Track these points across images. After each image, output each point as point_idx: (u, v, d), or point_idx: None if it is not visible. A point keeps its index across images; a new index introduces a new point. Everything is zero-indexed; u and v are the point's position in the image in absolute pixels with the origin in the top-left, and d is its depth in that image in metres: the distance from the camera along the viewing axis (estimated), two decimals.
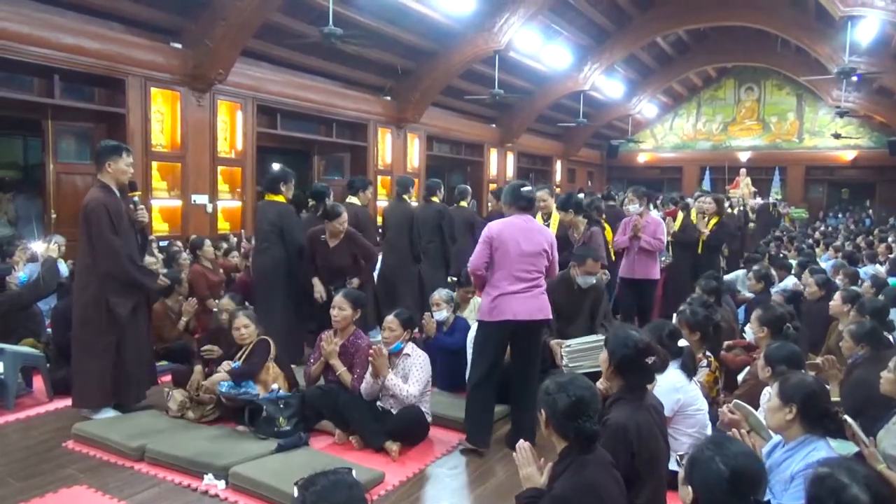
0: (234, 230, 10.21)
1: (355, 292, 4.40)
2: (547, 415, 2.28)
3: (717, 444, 1.94)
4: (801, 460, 2.34)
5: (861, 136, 21.68)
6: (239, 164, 10.29)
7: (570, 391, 2.24)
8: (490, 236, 3.74)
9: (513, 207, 3.86)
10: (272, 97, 10.68)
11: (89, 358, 4.09)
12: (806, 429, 2.42)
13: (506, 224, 3.80)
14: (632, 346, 2.80)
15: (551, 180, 21.42)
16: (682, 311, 3.99)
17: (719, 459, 1.84)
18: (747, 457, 1.90)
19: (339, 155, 13.52)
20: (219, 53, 9.02)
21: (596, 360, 4.52)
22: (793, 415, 2.42)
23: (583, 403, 2.23)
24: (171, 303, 5.56)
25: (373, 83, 13.00)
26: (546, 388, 2.30)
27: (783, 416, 2.44)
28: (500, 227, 3.77)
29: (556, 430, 2.28)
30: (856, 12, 9.93)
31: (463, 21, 12.06)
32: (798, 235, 13.71)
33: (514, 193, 3.88)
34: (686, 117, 24.66)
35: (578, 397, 2.23)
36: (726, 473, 1.80)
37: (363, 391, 3.93)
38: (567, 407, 2.22)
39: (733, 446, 1.92)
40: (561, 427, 2.26)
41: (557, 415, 2.24)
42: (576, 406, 2.21)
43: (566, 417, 2.22)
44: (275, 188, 5.49)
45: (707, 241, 6.93)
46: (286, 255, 5.29)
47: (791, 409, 2.42)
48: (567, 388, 2.24)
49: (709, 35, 18.62)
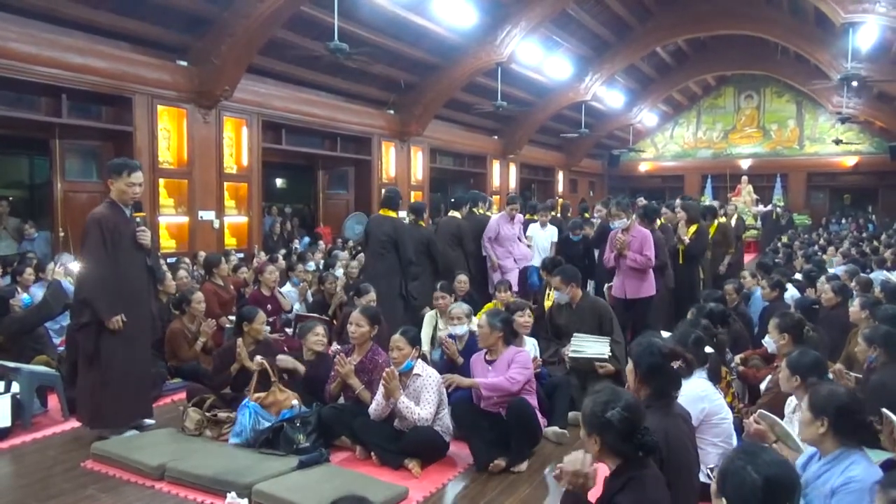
0: (240, 246, 10.23)
1: (372, 309, 4.36)
2: (601, 438, 2.17)
3: (749, 453, 1.89)
4: (840, 474, 2.30)
5: (862, 141, 21.72)
6: (245, 180, 10.31)
7: (619, 406, 2.15)
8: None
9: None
10: (277, 112, 10.72)
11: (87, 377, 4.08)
12: (840, 441, 2.37)
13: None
14: (657, 352, 2.79)
15: (553, 191, 21.49)
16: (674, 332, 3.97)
17: (752, 469, 1.80)
18: (780, 465, 1.87)
19: (343, 169, 13.57)
20: (225, 70, 9.07)
21: (598, 350, 4.64)
22: (825, 428, 2.37)
23: (635, 416, 2.16)
24: (187, 322, 5.53)
25: (376, 97, 13.06)
26: (592, 411, 2.19)
27: (815, 429, 2.40)
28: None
29: (612, 450, 2.18)
30: (856, 18, 9.98)
31: (465, 34, 12.14)
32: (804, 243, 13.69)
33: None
34: (686, 126, 24.73)
35: (629, 410, 2.15)
36: (760, 482, 1.76)
37: (372, 413, 3.85)
38: (622, 424, 2.13)
39: (765, 455, 1.89)
40: (616, 446, 2.16)
41: (614, 435, 2.14)
42: (630, 421, 2.14)
43: (623, 436, 2.14)
44: (391, 205, 6.26)
45: (686, 251, 6.77)
46: (398, 261, 6.05)
47: (823, 423, 2.37)
48: (615, 404, 2.16)
49: (707, 44, 18.72)
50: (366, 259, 6.60)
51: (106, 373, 4.04)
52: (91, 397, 4.06)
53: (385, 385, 3.71)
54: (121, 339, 4.03)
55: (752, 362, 4.59)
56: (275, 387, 4.12)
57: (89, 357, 4.04)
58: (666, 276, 6.59)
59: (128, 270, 4.09)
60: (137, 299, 4.15)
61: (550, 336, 5.09)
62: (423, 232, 6.83)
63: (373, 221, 6.50)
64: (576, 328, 4.83)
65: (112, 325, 3.97)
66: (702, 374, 3.38)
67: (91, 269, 4.01)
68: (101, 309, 3.94)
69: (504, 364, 3.93)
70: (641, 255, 5.75)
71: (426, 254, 6.63)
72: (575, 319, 4.90)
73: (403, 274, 6.11)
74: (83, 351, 4.06)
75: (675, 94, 22.23)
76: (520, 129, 17.68)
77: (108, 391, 4.05)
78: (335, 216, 13.40)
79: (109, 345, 4.02)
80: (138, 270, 4.17)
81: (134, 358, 4.16)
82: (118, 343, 4.03)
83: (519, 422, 3.75)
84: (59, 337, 5.83)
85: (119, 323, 3.99)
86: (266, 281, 6.38)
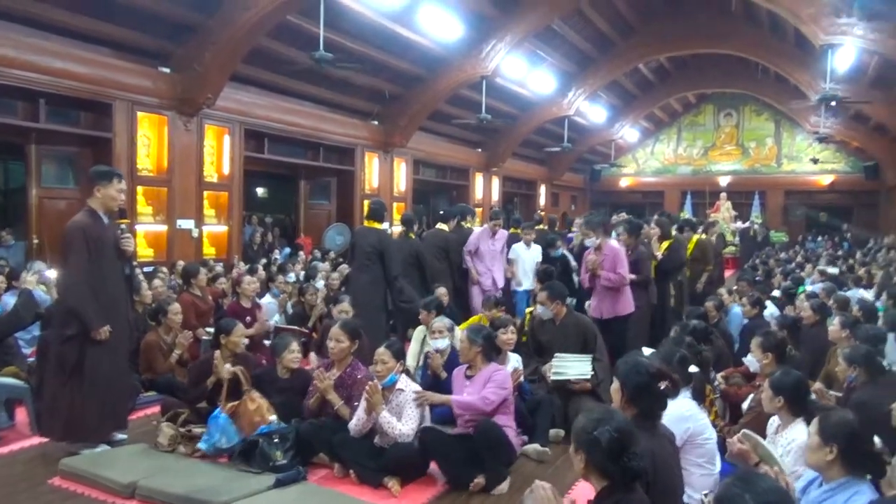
0: (219, 255, 10.09)
1: (352, 323, 4.29)
2: (587, 456, 2.13)
3: (746, 480, 1.86)
4: (844, 503, 2.29)
5: (838, 160, 22.11)
6: (225, 189, 10.20)
7: (610, 426, 2.10)
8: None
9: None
10: (260, 121, 10.64)
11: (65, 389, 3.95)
12: (847, 470, 2.35)
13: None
14: (644, 372, 2.76)
15: (535, 205, 21.57)
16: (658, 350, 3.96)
17: (749, 497, 1.76)
18: (778, 493, 1.84)
19: (325, 179, 13.49)
20: (208, 78, 8.98)
21: (580, 370, 4.61)
22: (833, 455, 2.35)
23: (626, 438, 2.11)
24: (163, 333, 5.41)
25: (360, 108, 13.02)
26: (582, 426, 2.15)
27: (823, 455, 2.37)
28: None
29: (597, 469, 2.14)
30: (835, 40, 10.15)
31: (450, 47, 12.16)
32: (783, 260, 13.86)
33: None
34: (667, 142, 24.99)
35: (620, 432, 2.10)
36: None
37: (352, 429, 3.78)
38: (610, 444, 2.08)
39: (762, 482, 1.86)
40: (603, 466, 2.11)
41: (600, 454, 2.10)
42: (619, 442, 2.09)
43: (610, 456, 2.09)
44: (377, 217, 6.22)
45: (658, 267, 6.69)
46: (383, 273, 5.96)
47: (832, 450, 2.35)
48: (606, 423, 2.11)
49: (689, 62, 18.95)
50: (351, 271, 6.51)
51: (89, 385, 3.93)
52: (69, 410, 3.93)
53: (367, 399, 3.64)
54: (105, 349, 3.96)
55: (734, 380, 4.59)
56: (247, 395, 4.02)
57: (71, 369, 3.92)
58: (650, 291, 6.61)
59: (109, 279, 4.02)
60: (118, 309, 4.08)
61: (531, 352, 5.02)
62: (412, 244, 6.81)
63: (358, 233, 6.45)
64: (559, 345, 4.79)
65: (100, 335, 3.89)
66: (686, 394, 3.36)
67: (77, 279, 3.90)
68: (91, 319, 3.87)
69: (481, 381, 3.87)
70: (615, 274, 5.63)
71: (416, 265, 6.58)
72: (559, 336, 4.85)
73: (388, 286, 6.04)
74: (65, 363, 3.92)
75: (657, 111, 22.47)
76: (503, 142, 17.74)
77: (90, 404, 3.95)
78: (316, 227, 13.30)
79: (94, 356, 3.93)
80: (118, 279, 4.11)
81: (116, 369, 4.09)
82: (102, 354, 3.96)
83: (487, 443, 3.66)
84: (29, 347, 5.66)
85: (106, 333, 3.91)
86: (245, 292, 6.28)
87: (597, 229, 5.80)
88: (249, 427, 3.93)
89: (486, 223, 7.69)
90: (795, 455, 3.01)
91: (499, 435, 3.72)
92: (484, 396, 3.74)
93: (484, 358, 3.94)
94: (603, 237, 5.81)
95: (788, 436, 3.10)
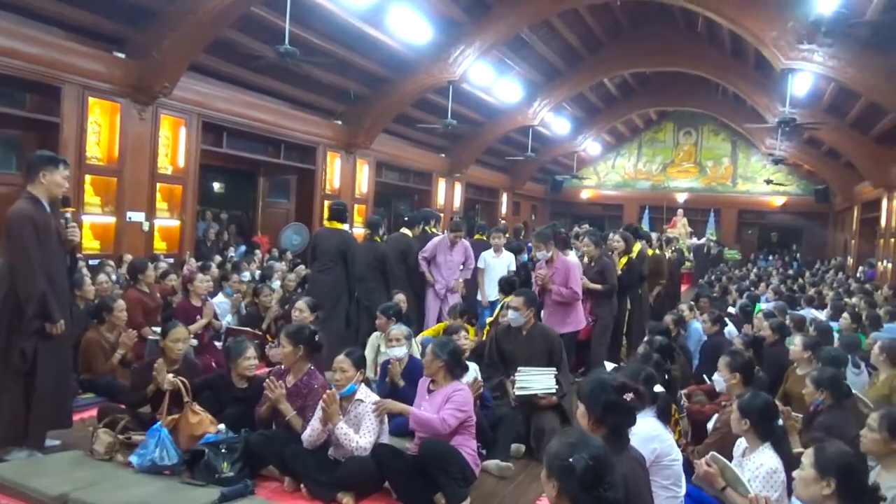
0: (170, 250, 9.70)
1: (293, 327, 4.03)
2: (559, 484, 1.96)
3: None
4: None
5: (790, 183, 22.76)
6: (180, 182, 9.82)
7: (585, 452, 1.94)
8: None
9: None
10: (219, 114, 10.30)
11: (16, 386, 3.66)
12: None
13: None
14: (608, 388, 2.65)
15: (497, 212, 21.59)
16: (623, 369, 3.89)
17: None
18: None
19: (285, 177, 13.19)
20: (165, 66, 8.63)
21: (545, 384, 4.49)
22: (831, 490, 2.24)
23: (601, 467, 1.95)
24: (105, 332, 5.09)
25: (324, 106, 12.76)
26: (556, 452, 1.99)
27: (819, 489, 2.26)
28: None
29: (570, 498, 1.97)
30: (795, 65, 10.38)
31: (419, 50, 12.02)
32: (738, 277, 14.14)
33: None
34: (628, 157, 25.36)
35: (596, 460, 1.94)
36: None
37: (305, 440, 3.57)
38: (585, 473, 1.92)
39: None
40: (576, 496, 1.95)
41: (574, 482, 1.93)
42: (594, 471, 1.93)
43: (584, 486, 1.93)
44: (340, 217, 6.19)
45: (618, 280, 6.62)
46: (346, 275, 5.96)
47: (829, 484, 2.25)
48: (581, 450, 1.95)
49: (652, 79, 19.26)
50: (311, 272, 6.32)
51: (38, 383, 3.66)
52: (11, 410, 3.63)
53: (324, 409, 3.44)
54: (55, 345, 3.72)
55: (697, 398, 4.56)
56: (187, 408, 3.75)
57: (22, 367, 3.63)
58: (611, 303, 6.58)
59: (55, 271, 3.74)
60: (64, 302, 3.82)
61: (495, 362, 4.83)
62: (378, 247, 6.64)
63: (321, 234, 6.32)
64: (523, 356, 4.66)
65: (56, 329, 3.65)
66: (651, 414, 3.27)
67: (32, 271, 3.60)
68: (53, 311, 3.63)
69: (441, 398, 3.66)
70: (566, 288, 5.47)
71: (380, 269, 6.42)
72: (523, 346, 4.72)
73: (349, 289, 5.95)
74: (18, 362, 3.61)
75: (619, 125, 22.76)
76: (467, 148, 17.68)
77: (39, 403, 3.68)
78: (274, 225, 12.97)
79: (46, 351, 3.68)
80: (63, 271, 3.86)
81: (64, 366, 3.86)
82: (53, 349, 3.72)
83: (434, 464, 3.42)
84: None
85: (62, 328, 3.68)
86: (197, 290, 6.00)
87: (547, 242, 5.61)
88: (189, 442, 3.66)
89: (446, 231, 7.31)
90: (763, 481, 2.96)
91: (444, 455, 3.47)
92: (443, 418, 3.53)
93: (447, 373, 3.75)
94: (554, 250, 5.63)
95: (756, 460, 3.04)
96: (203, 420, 3.73)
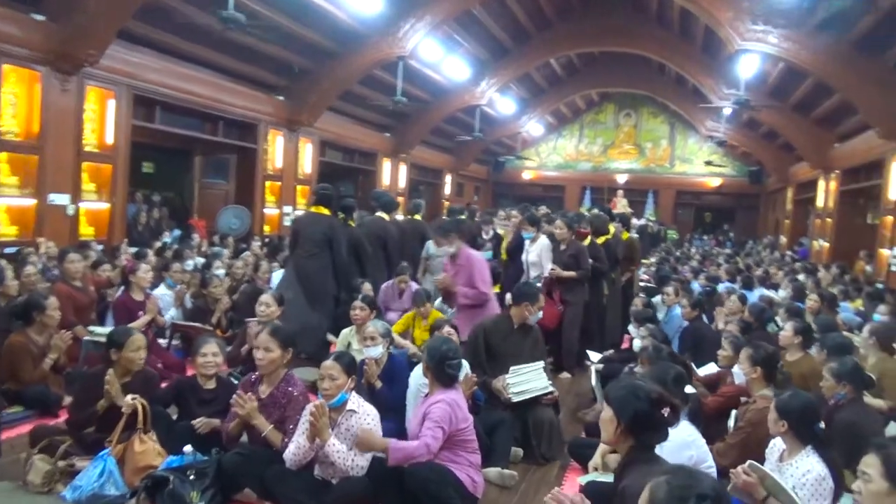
0: (99, 236, 8.83)
1: (285, 329, 3.56)
2: None
3: None
4: None
5: (725, 164, 23.32)
6: (109, 161, 8.93)
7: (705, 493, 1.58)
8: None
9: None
10: (151, 87, 9.42)
11: None
12: None
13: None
14: (644, 397, 2.35)
15: (441, 194, 21.20)
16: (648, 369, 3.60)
17: None
18: None
19: (224, 156, 12.35)
20: (91, 31, 7.74)
21: (541, 383, 4.18)
22: None
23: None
24: (34, 334, 4.39)
25: (266, 80, 11.98)
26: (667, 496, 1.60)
27: (893, 501, 2.01)
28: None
29: None
30: (750, 46, 10.37)
31: (367, 23, 11.37)
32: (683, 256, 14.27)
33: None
34: (569, 138, 25.38)
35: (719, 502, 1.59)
36: None
37: (289, 459, 3.09)
38: None
39: None
40: None
41: None
42: None
43: None
44: (326, 202, 5.94)
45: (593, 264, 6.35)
46: (331, 262, 5.75)
47: None
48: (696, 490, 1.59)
49: (598, 60, 19.17)
50: (295, 259, 5.97)
51: None
52: None
53: (312, 423, 2.96)
54: None
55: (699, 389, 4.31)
56: (135, 436, 3.18)
57: None
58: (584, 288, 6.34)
59: None
60: None
61: (480, 361, 4.32)
62: (353, 232, 6.22)
63: (304, 219, 6.15)
64: (513, 353, 4.31)
65: None
66: (683, 417, 2.98)
67: None
68: None
69: (422, 411, 3.21)
70: (472, 289, 5.00)
71: (355, 255, 6.06)
72: (513, 342, 4.37)
73: (336, 275, 5.75)
74: None
75: (562, 107, 22.68)
76: (413, 128, 17.15)
77: None
78: (212, 208, 12.14)
79: None
80: None
81: None
82: None
83: (422, 493, 2.98)
84: None
85: None
86: (140, 282, 5.36)
87: (449, 235, 5.10)
88: (133, 475, 3.10)
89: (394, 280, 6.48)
90: (812, 489, 2.71)
91: (432, 480, 3.00)
92: (425, 443, 3.02)
93: (434, 380, 3.31)
94: (458, 244, 5.11)
95: (800, 466, 2.78)
96: (149, 450, 3.16)
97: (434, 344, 3.39)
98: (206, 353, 3.66)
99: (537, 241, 6.48)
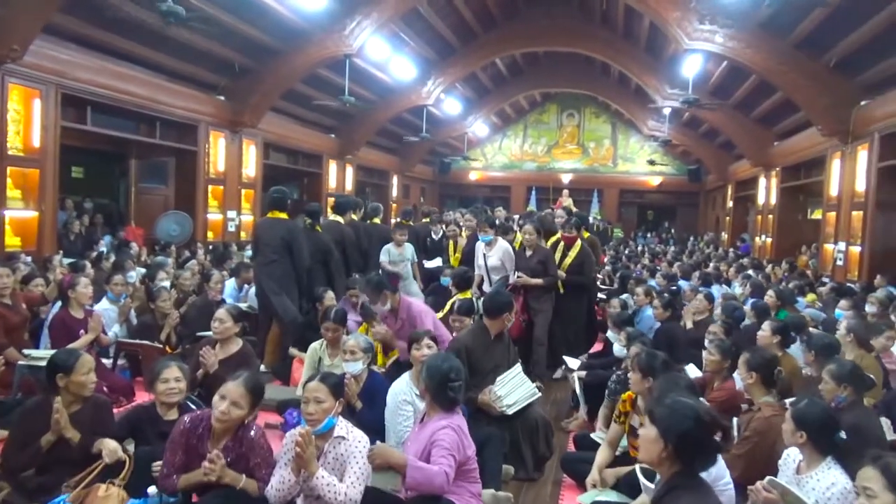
0: (27, 247, 8.14)
1: (254, 380, 2.93)
2: None
3: None
4: None
5: (666, 163, 23.85)
6: (36, 165, 8.25)
7: None
8: None
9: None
10: (82, 86, 8.78)
11: None
12: None
13: None
14: (693, 417, 2.15)
15: (388, 196, 20.85)
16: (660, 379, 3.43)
17: None
18: None
19: (162, 159, 11.70)
20: (13, 25, 7.11)
21: (528, 391, 3.99)
22: None
23: None
24: None
25: (205, 79, 11.41)
26: None
27: None
28: None
29: None
30: (698, 46, 10.50)
31: (312, 20, 10.96)
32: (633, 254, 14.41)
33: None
34: (514, 138, 25.45)
35: None
36: None
37: (273, 496, 2.73)
38: None
39: None
40: None
41: None
42: None
43: None
44: (281, 206, 5.78)
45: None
46: (293, 267, 5.62)
47: None
48: None
49: (541, 59, 19.24)
50: (257, 267, 5.80)
51: None
52: None
53: (298, 454, 2.62)
54: None
55: None
56: (102, 485, 2.76)
57: None
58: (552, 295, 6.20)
59: None
60: None
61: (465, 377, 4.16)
62: (321, 238, 5.96)
63: (263, 225, 5.93)
64: (495, 364, 4.11)
65: None
66: None
67: None
68: None
69: (426, 438, 2.91)
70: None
71: (323, 262, 5.84)
72: (493, 354, 4.17)
73: (299, 280, 5.61)
74: None
75: (506, 108, 22.70)
76: (359, 128, 16.76)
77: None
78: (150, 214, 11.46)
79: None
80: None
81: None
82: None
83: None
84: None
85: None
86: (80, 298, 4.87)
87: (379, 293, 4.79)
88: None
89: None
90: (839, 502, 2.57)
91: None
92: (444, 471, 2.73)
93: (432, 402, 3.02)
94: (393, 298, 4.82)
95: (823, 479, 2.65)
96: (112, 496, 2.76)
97: (434, 362, 3.08)
98: (168, 379, 3.25)
99: (496, 244, 6.30)
